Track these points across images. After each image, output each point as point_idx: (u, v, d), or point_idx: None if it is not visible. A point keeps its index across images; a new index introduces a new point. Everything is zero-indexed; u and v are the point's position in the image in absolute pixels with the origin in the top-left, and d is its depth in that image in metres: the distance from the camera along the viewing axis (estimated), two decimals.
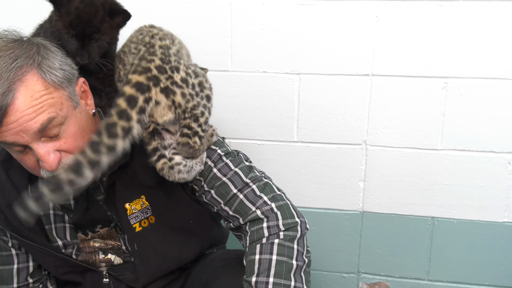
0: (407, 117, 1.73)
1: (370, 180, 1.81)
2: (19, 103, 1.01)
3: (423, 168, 1.77)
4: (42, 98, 1.04)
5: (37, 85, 1.04)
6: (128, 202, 1.24)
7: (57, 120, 1.06)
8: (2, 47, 1.05)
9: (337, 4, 1.67)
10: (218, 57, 1.77)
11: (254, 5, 1.71)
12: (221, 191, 1.22)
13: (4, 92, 1.00)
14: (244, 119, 1.82)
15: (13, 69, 1.02)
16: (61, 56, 1.11)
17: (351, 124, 1.77)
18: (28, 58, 1.05)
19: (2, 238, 1.30)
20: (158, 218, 1.27)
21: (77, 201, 1.27)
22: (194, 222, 1.31)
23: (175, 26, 1.74)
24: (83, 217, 1.28)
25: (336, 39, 1.70)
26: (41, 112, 1.03)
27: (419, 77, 1.69)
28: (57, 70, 1.08)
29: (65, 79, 1.09)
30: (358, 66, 1.71)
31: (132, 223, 1.25)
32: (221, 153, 1.25)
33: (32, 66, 1.05)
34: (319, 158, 1.82)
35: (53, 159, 1.07)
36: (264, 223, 1.16)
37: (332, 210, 1.87)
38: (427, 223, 1.82)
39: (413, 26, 1.65)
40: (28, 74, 1.04)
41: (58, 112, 1.06)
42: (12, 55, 1.04)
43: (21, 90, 1.02)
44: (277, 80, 1.76)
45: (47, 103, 1.05)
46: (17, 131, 1.03)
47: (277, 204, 1.19)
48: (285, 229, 1.15)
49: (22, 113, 1.01)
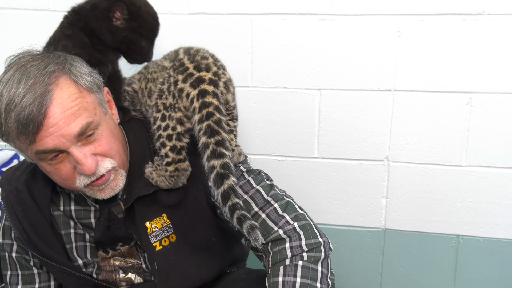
0: (430, 133, 1.70)
1: (393, 197, 1.78)
2: (57, 105, 1.04)
3: (447, 185, 1.73)
4: (78, 100, 1.07)
5: (71, 88, 1.07)
6: (148, 221, 1.23)
7: (93, 125, 1.09)
8: (30, 59, 1.09)
9: (359, 19, 1.65)
10: (238, 73, 1.76)
11: (274, 20, 1.70)
12: None
13: (42, 94, 1.02)
14: (264, 135, 1.81)
15: (47, 74, 1.05)
16: (86, 64, 1.16)
17: (373, 140, 1.74)
18: (58, 64, 1.08)
19: (24, 257, 1.30)
20: (180, 237, 1.26)
21: (99, 219, 1.26)
22: (216, 240, 1.29)
23: (196, 42, 1.74)
24: (105, 235, 1.27)
25: (357, 54, 1.68)
26: (78, 115, 1.06)
27: (442, 92, 1.66)
28: (87, 75, 1.12)
29: (95, 85, 1.13)
30: (380, 81, 1.69)
31: (152, 241, 1.24)
32: (243, 169, 1.24)
33: (63, 71, 1.08)
34: (340, 175, 1.80)
35: (91, 162, 1.09)
36: (286, 243, 1.14)
37: (353, 227, 1.84)
38: (452, 241, 1.77)
39: (436, 41, 1.63)
40: (60, 78, 1.07)
41: (93, 116, 1.10)
42: (42, 63, 1.07)
43: (57, 92, 1.04)
44: (298, 95, 1.75)
45: (83, 107, 1.07)
46: (58, 135, 1.04)
47: (299, 224, 1.17)
48: (308, 250, 1.13)
49: (61, 115, 1.04)
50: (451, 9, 1.59)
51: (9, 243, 1.31)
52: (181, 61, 1.18)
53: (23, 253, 1.30)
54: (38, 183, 1.22)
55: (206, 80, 1.14)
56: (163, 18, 1.72)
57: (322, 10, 1.67)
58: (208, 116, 1.10)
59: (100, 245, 1.30)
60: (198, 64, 1.16)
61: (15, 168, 1.32)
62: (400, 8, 1.62)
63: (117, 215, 1.26)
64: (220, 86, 1.15)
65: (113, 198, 1.23)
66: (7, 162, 1.69)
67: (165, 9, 1.74)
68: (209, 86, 1.13)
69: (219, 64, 1.21)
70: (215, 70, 1.16)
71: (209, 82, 1.13)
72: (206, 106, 1.11)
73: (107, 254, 1.31)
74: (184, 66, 1.17)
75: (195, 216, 1.25)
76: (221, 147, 1.09)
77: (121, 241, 1.29)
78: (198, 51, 1.22)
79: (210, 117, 1.10)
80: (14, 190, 1.24)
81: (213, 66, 1.17)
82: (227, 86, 1.17)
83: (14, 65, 1.09)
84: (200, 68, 1.16)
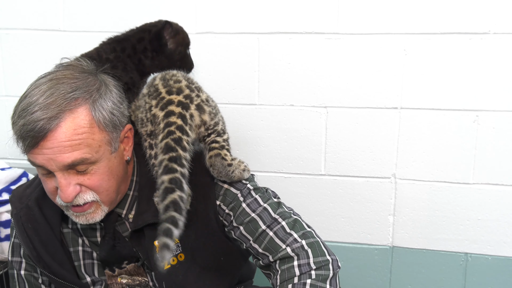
0: (437, 150, 1.70)
1: (400, 214, 1.78)
2: (61, 132, 1.03)
3: (455, 203, 1.73)
4: (84, 135, 1.06)
5: (84, 121, 1.06)
6: (157, 240, 1.24)
7: (89, 161, 1.08)
8: (68, 74, 1.09)
9: (365, 38, 1.67)
10: (245, 91, 1.78)
11: (281, 39, 1.72)
12: (250, 228, 1.20)
13: (52, 117, 1.02)
14: (271, 152, 1.82)
15: (69, 99, 1.04)
16: (118, 101, 1.13)
17: (379, 157, 1.75)
18: (87, 92, 1.07)
19: (33, 274, 1.31)
20: (188, 256, 1.26)
21: (104, 237, 1.27)
22: (225, 259, 1.29)
23: (202, 60, 1.78)
24: (110, 253, 1.27)
25: (363, 73, 1.69)
26: (77, 149, 1.05)
27: (449, 110, 1.66)
28: (107, 112, 1.10)
29: (111, 124, 1.11)
30: (386, 99, 1.70)
31: None
32: (250, 187, 1.24)
33: (87, 100, 1.07)
34: (347, 192, 1.80)
35: (70, 191, 1.08)
36: (295, 261, 1.14)
37: (360, 245, 1.83)
38: (460, 259, 1.76)
39: (442, 59, 1.64)
40: (80, 107, 1.06)
41: (94, 154, 1.08)
42: (73, 85, 1.07)
43: (67, 120, 1.04)
44: (304, 113, 1.76)
45: (86, 142, 1.06)
46: (49, 158, 1.05)
47: (307, 242, 1.16)
48: (316, 268, 1.13)
49: (59, 143, 1.03)
50: (457, 28, 1.60)
51: (18, 260, 1.32)
52: (156, 86, 1.20)
53: (31, 271, 1.31)
54: (49, 201, 1.22)
55: (175, 102, 1.15)
56: None
57: (329, 29, 1.68)
58: (168, 135, 1.11)
59: (106, 264, 1.30)
60: (170, 88, 1.17)
61: (26, 186, 1.32)
62: (406, 27, 1.64)
63: (122, 234, 1.26)
64: (191, 108, 1.16)
65: (117, 217, 1.24)
66: (15, 180, 1.70)
67: None
68: (177, 107, 1.14)
69: (194, 86, 1.21)
70: (186, 93, 1.17)
71: (177, 104, 1.15)
72: (168, 125, 1.12)
73: (114, 272, 1.31)
74: (158, 91, 1.18)
75: (204, 235, 1.25)
76: (174, 163, 1.08)
77: (127, 259, 1.29)
78: (174, 75, 1.23)
79: (169, 135, 1.11)
80: (25, 208, 1.25)
81: (186, 89, 1.18)
82: (201, 108, 1.18)
83: (54, 72, 1.10)
84: (172, 91, 1.17)
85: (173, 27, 1.35)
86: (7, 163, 1.84)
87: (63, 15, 1.83)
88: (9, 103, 1.89)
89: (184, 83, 1.19)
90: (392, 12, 1.64)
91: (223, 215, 1.22)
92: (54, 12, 1.83)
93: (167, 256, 1.01)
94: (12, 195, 1.32)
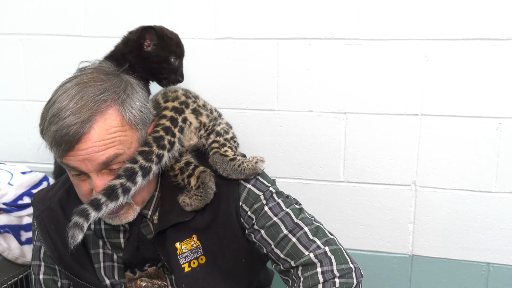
0: (459, 158, 1.67)
1: (420, 223, 1.75)
2: (94, 133, 1.06)
3: (476, 211, 1.70)
4: (116, 134, 1.08)
5: (115, 121, 1.08)
6: (178, 242, 1.23)
7: (122, 157, 1.10)
8: (94, 77, 1.11)
9: (386, 44, 1.65)
10: (264, 97, 1.78)
11: (301, 45, 1.72)
12: (272, 232, 1.19)
13: (84, 120, 1.05)
14: (289, 158, 1.81)
15: (99, 101, 1.07)
16: (144, 99, 1.16)
17: (399, 164, 1.72)
18: (115, 93, 1.10)
19: (53, 278, 1.31)
20: (209, 259, 1.25)
21: (128, 239, 1.27)
22: (245, 262, 1.28)
23: (222, 66, 1.78)
24: (133, 255, 1.27)
25: (384, 79, 1.68)
26: (110, 146, 1.07)
27: (471, 117, 1.64)
28: (136, 111, 1.12)
29: (141, 121, 1.14)
30: (407, 106, 1.68)
31: (181, 263, 1.24)
32: (272, 190, 1.24)
33: (116, 102, 1.09)
34: (366, 199, 1.78)
35: None
36: (318, 268, 1.13)
37: (380, 253, 1.81)
38: (482, 269, 1.73)
39: (464, 65, 1.61)
40: (110, 108, 1.08)
41: (126, 150, 1.10)
42: (101, 87, 1.09)
43: (99, 122, 1.06)
44: (323, 119, 1.75)
45: (119, 140, 1.09)
46: (84, 158, 1.07)
47: (330, 248, 1.15)
48: (340, 275, 1.11)
49: (93, 143, 1.06)
50: (480, 34, 1.58)
51: (37, 264, 1.33)
52: (157, 100, 1.26)
53: (51, 274, 1.31)
54: (72, 202, 1.23)
55: (169, 107, 1.21)
56: (191, 42, 1.77)
57: (349, 35, 1.67)
58: (151, 133, 1.17)
59: (129, 266, 1.30)
60: (167, 98, 1.25)
61: (48, 189, 1.34)
62: (428, 33, 1.62)
63: (146, 236, 1.27)
64: (186, 112, 1.22)
65: (142, 219, 1.24)
66: (36, 184, 1.72)
67: (192, 34, 1.78)
68: (170, 112, 1.20)
69: (191, 95, 1.27)
70: (182, 100, 1.24)
71: (171, 109, 1.21)
72: (156, 126, 1.18)
73: (135, 275, 1.31)
74: (158, 103, 1.25)
75: (226, 238, 1.24)
76: (139, 155, 1.12)
77: (149, 262, 1.29)
78: (174, 89, 1.30)
79: (152, 134, 1.17)
80: (47, 209, 1.26)
81: (181, 96, 1.25)
82: (197, 111, 1.24)
83: (79, 76, 1.12)
84: (168, 99, 1.24)
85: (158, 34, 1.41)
86: (28, 167, 1.86)
87: (84, 21, 1.85)
88: (30, 107, 1.90)
89: (181, 92, 1.26)
90: (414, 18, 1.63)
91: (245, 217, 1.21)
92: (75, 17, 1.85)
93: (77, 235, 1.05)
94: (33, 198, 1.33)
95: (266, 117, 1.79)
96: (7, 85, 1.95)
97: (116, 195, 1.07)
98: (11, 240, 1.54)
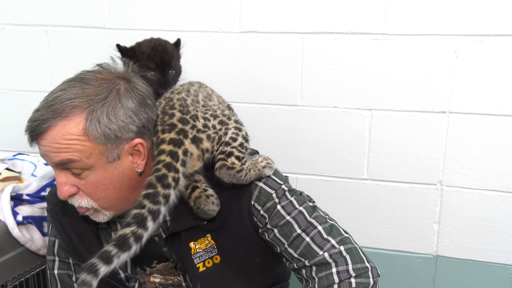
0: (487, 157, 1.63)
1: (445, 223, 1.71)
2: (50, 135, 1.08)
3: (504, 212, 1.65)
4: (72, 141, 1.07)
5: (74, 129, 1.07)
6: (193, 241, 1.22)
7: (78, 164, 1.09)
8: (87, 79, 1.11)
9: (414, 39, 1.61)
10: (287, 92, 1.75)
11: (326, 40, 1.69)
12: (285, 231, 1.18)
13: (45, 120, 1.07)
14: (312, 155, 1.78)
15: (67, 105, 1.07)
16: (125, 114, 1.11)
17: (425, 163, 1.69)
18: (88, 101, 1.08)
19: (67, 272, 1.32)
20: (224, 258, 1.24)
21: None
22: (260, 260, 1.27)
23: (246, 61, 1.77)
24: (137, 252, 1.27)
25: (411, 75, 1.64)
26: (64, 151, 1.08)
27: (501, 115, 1.59)
28: (101, 126, 1.08)
29: (104, 137, 1.09)
30: (435, 103, 1.64)
31: (196, 262, 1.23)
32: (285, 188, 1.21)
33: (84, 110, 1.07)
34: (390, 198, 1.74)
35: (64, 190, 1.12)
36: (333, 268, 1.11)
37: (403, 253, 1.77)
38: (509, 272, 1.68)
39: (495, 62, 1.56)
40: (75, 116, 1.07)
41: (84, 159, 1.09)
42: (80, 90, 1.08)
43: (59, 125, 1.07)
44: (348, 115, 1.72)
45: (74, 148, 1.08)
46: (43, 154, 1.11)
47: (346, 247, 1.13)
48: (356, 275, 1.09)
49: (48, 143, 1.08)
50: None
51: (51, 259, 1.33)
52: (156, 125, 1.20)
53: (65, 269, 1.32)
54: None
55: (166, 140, 1.14)
56: (214, 36, 1.76)
57: (376, 30, 1.64)
58: (153, 172, 1.12)
59: (135, 262, 1.30)
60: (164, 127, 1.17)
61: None
62: (458, 28, 1.57)
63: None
64: (185, 144, 1.14)
65: None
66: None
67: (216, 27, 1.76)
68: (168, 145, 1.14)
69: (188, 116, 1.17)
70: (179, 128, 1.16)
71: (168, 142, 1.14)
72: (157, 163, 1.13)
73: (145, 271, 1.31)
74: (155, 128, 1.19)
75: (239, 237, 1.23)
76: (146, 199, 1.08)
77: (156, 259, 1.29)
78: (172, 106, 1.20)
79: (154, 173, 1.11)
80: (60, 203, 1.26)
81: (178, 123, 1.16)
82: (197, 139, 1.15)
83: (82, 73, 1.14)
84: (164, 130, 1.16)
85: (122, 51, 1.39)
86: None
87: (109, 13, 1.85)
88: None
89: (177, 116, 1.17)
90: (443, 12, 1.58)
91: (257, 216, 1.20)
92: (99, 9, 1.85)
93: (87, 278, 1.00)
94: (48, 193, 1.35)
95: (289, 112, 1.77)
96: (32, 76, 1.97)
97: (128, 245, 1.03)
98: (34, 231, 1.55)
